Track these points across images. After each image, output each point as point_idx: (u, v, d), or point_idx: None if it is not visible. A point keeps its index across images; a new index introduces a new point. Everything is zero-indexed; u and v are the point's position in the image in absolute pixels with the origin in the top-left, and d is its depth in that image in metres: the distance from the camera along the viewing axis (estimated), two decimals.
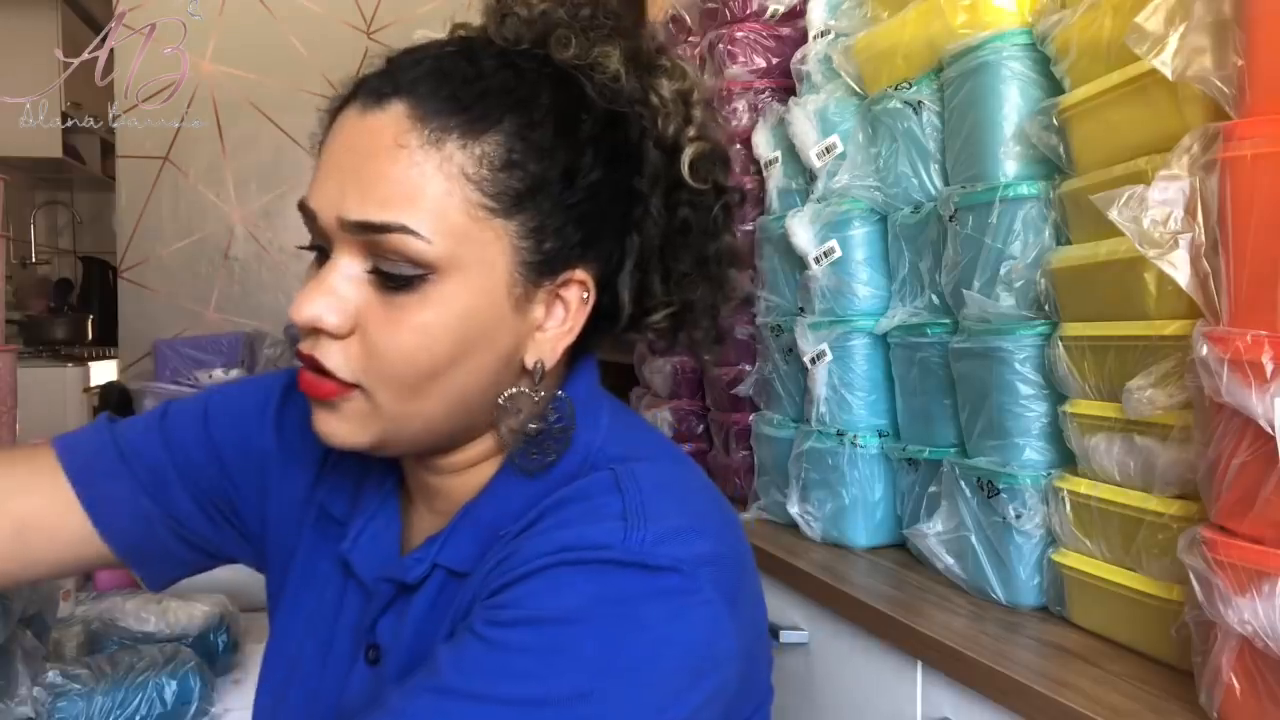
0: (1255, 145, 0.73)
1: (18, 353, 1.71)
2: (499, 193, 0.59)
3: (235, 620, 1.10)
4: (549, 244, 0.61)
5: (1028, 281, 1.05)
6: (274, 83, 3.21)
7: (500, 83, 0.61)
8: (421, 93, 0.59)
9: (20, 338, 3.89)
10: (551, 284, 0.63)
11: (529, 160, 0.60)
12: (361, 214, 0.58)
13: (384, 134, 0.59)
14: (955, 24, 1.13)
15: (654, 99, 0.65)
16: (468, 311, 0.60)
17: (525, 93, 0.61)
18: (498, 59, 0.62)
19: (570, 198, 0.62)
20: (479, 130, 0.59)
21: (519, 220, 0.60)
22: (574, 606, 0.56)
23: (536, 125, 0.61)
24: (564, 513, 0.61)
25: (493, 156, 0.59)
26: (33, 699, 0.86)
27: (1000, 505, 1.07)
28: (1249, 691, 0.73)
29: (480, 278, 0.60)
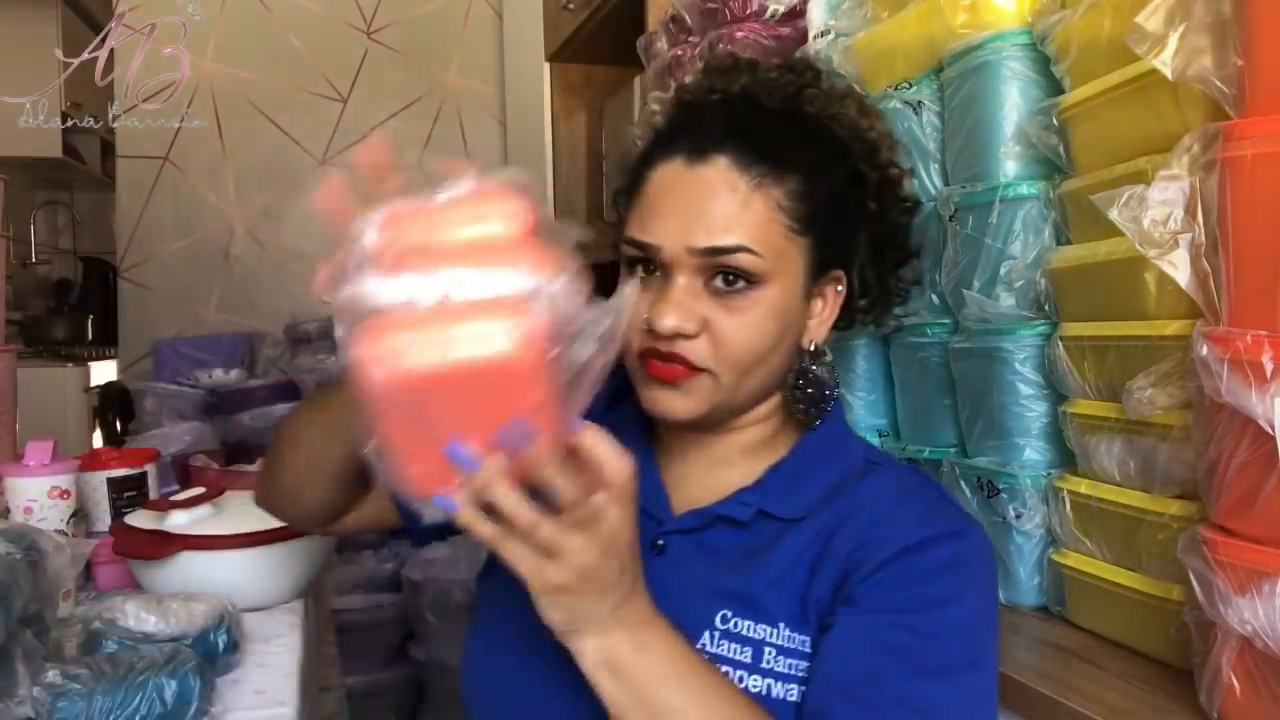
0: (1255, 145, 0.73)
1: (18, 353, 1.72)
2: (799, 217, 0.79)
3: (235, 620, 1.10)
4: (826, 252, 0.82)
5: (1028, 281, 1.05)
6: (274, 83, 3.21)
7: (788, 136, 0.82)
8: (738, 147, 0.79)
9: (20, 338, 3.89)
10: (824, 282, 0.84)
11: (815, 191, 0.80)
12: (709, 241, 0.77)
13: (714, 182, 0.78)
14: (955, 24, 1.13)
15: (873, 136, 0.87)
16: (783, 308, 0.79)
17: (810, 140, 0.83)
18: (779, 117, 0.84)
19: (838, 216, 0.83)
20: (784, 172, 0.79)
21: (811, 236, 0.80)
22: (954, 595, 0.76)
23: (817, 165, 0.81)
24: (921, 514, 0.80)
25: (794, 191, 0.79)
26: (32, 699, 0.86)
27: (1000, 505, 1.07)
28: (1249, 691, 0.73)
29: (790, 281, 0.80)
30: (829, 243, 0.82)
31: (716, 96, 0.87)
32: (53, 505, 1.26)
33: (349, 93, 3.28)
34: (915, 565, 0.75)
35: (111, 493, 1.44)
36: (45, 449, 1.28)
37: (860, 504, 0.80)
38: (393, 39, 3.30)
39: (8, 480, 1.28)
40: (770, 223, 0.78)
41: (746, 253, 0.77)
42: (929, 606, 0.74)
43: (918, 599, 0.74)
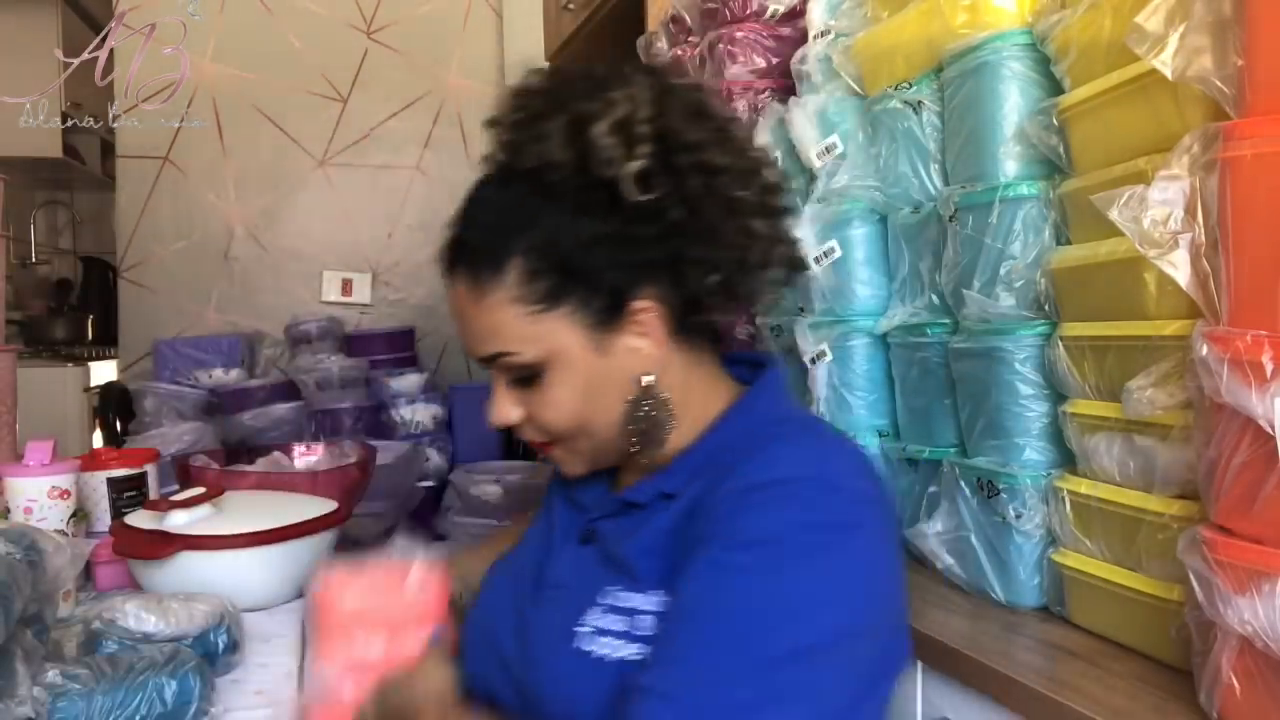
0: (1255, 145, 0.73)
1: (18, 353, 1.71)
2: (540, 298, 0.79)
3: (235, 620, 1.10)
4: (597, 302, 0.80)
5: (1028, 281, 1.05)
6: (274, 83, 3.21)
7: (498, 221, 0.82)
8: (462, 259, 0.82)
9: (20, 338, 3.89)
10: (622, 321, 0.81)
11: (543, 263, 0.79)
12: (480, 353, 0.83)
13: (461, 298, 0.83)
14: (955, 24, 1.13)
15: (595, 151, 0.78)
16: (574, 378, 0.81)
17: (516, 216, 0.81)
18: (494, 197, 0.84)
19: (591, 263, 0.79)
20: (501, 267, 0.79)
21: (565, 304, 0.80)
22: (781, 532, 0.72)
23: (535, 234, 0.79)
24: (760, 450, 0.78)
25: (519, 277, 0.79)
26: (32, 699, 0.85)
27: (1000, 505, 1.07)
28: (1249, 691, 0.73)
29: (566, 354, 0.80)
30: (599, 291, 0.79)
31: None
32: (53, 505, 1.26)
33: (349, 93, 3.27)
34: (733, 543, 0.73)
35: (111, 493, 1.44)
36: (45, 449, 1.28)
37: (737, 465, 0.78)
38: (393, 39, 3.29)
39: (8, 480, 1.27)
40: (512, 319, 0.80)
41: (506, 356, 0.81)
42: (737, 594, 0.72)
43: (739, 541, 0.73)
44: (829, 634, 0.70)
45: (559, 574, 0.87)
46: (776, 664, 0.68)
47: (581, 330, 0.80)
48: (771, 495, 0.74)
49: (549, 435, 0.85)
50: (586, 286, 0.79)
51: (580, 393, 0.82)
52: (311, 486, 1.54)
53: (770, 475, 0.75)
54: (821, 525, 0.73)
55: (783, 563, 0.71)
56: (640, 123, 0.78)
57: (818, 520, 0.73)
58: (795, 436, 0.82)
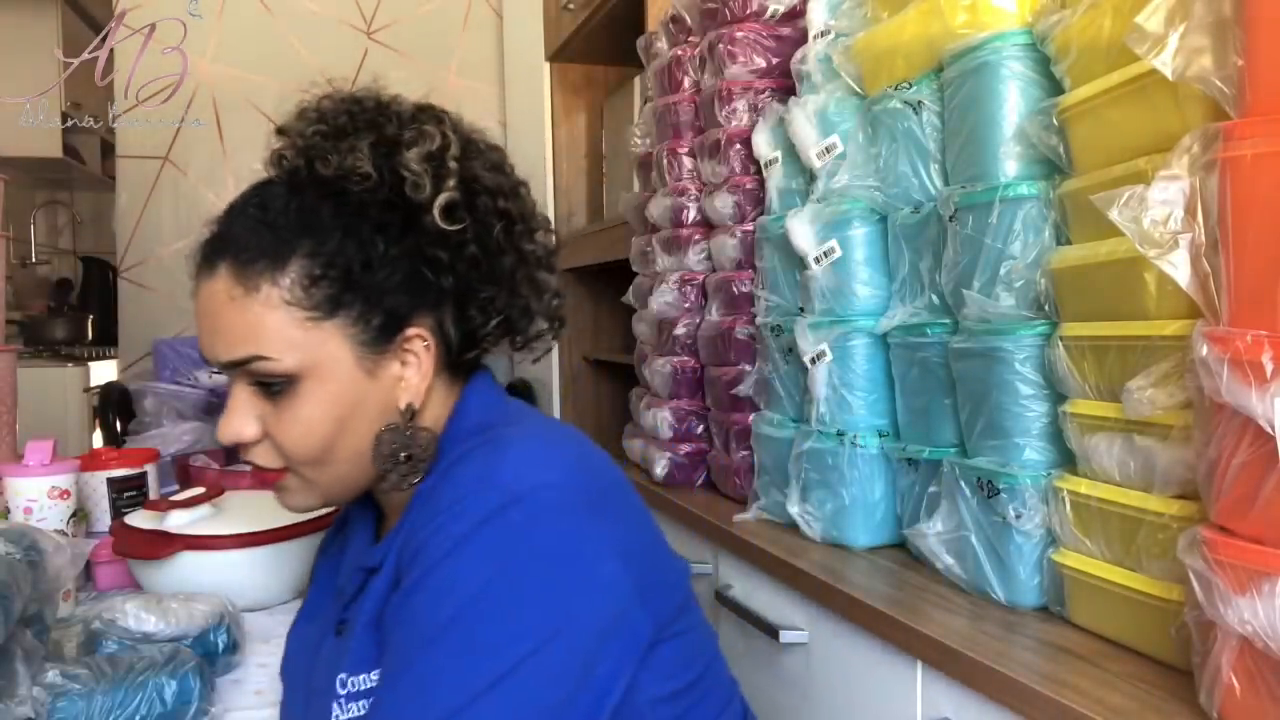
0: (1255, 145, 0.72)
1: (18, 353, 1.71)
2: (316, 304, 0.76)
3: (235, 620, 1.10)
4: (375, 320, 0.77)
5: (1028, 281, 1.05)
6: (274, 83, 3.20)
7: (287, 220, 0.77)
8: (234, 251, 0.77)
9: (20, 338, 3.89)
10: (393, 346, 0.79)
11: (329, 269, 0.76)
12: (228, 356, 0.77)
13: (219, 294, 0.77)
14: (955, 24, 1.13)
15: (405, 174, 0.78)
16: (332, 396, 0.77)
17: (309, 219, 0.77)
18: (284, 198, 0.79)
19: (376, 280, 0.77)
20: (282, 264, 0.76)
21: (342, 316, 0.76)
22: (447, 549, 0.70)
23: (326, 240, 0.76)
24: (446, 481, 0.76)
25: (299, 279, 0.75)
26: (33, 699, 0.86)
27: (1000, 505, 1.07)
28: (1249, 691, 0.73)
29: (331, 368, 0.76)
30: (379, 309, 0.77)
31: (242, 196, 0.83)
32: (53, 505, 1.26)
33: None
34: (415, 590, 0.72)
35: (111, 493, 1.44)
36: (45, 449, 1.28)
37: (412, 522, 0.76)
38: (393, 39, 3.30)
39: (8, 480, 1.27)
40: (280, 322, 0.75)
41: (261, 360, 0.75)
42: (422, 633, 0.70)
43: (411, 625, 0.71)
44: (511, 660, 0.67)
45: (315, 681, 0.82)
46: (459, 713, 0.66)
47: (352, 347, 0.77)
48: (433, 531, 0.71)
49: (284, 459, 0.79)
50: (367, 302, 0.77)
51: (334, 414, 0.77)
52: None
53: (436, 501, 0.74)
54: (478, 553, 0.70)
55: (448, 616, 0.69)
56: (450, 159, 0.80)
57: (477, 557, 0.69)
58: (470, 455, 0.77)
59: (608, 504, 0.76)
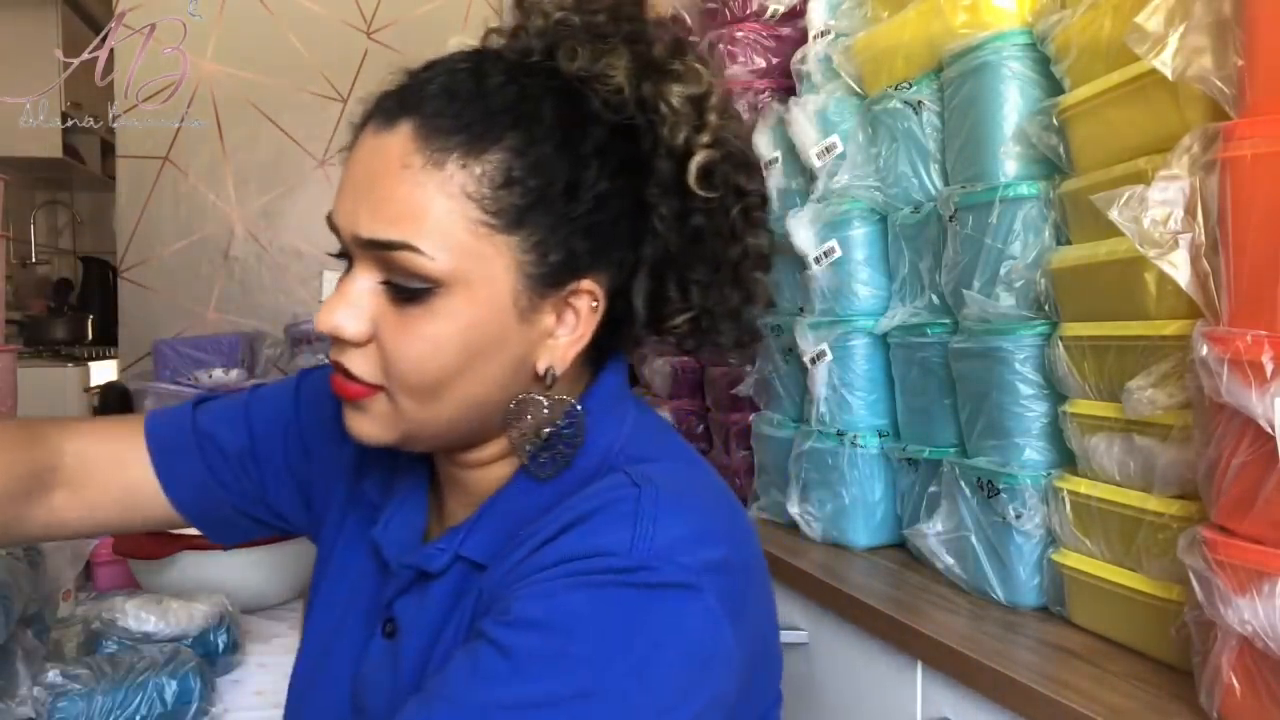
0: (1255, 145, 0.73)
1: (18, 353, 1.71)
2: (500, 209, 0.61)
3: (235, 620, 1.10)
4: (553, 256, 0.63)
5: (1028, 281, 1.05)
6: (274, 83, 3.21)
7: (502, 100, 0.63)
8: (427, 113, 0.62)
9: (20, 338, 3.89)
10: (560, 294, 0.65)
11: (529, 176, 0.62)
12: (371, 232, 0.61)
13: (391, 154, 0.61)
14: (955, 24, 1.13)
15: (663, 107, 0.65)
16: (473, 323, 0.62)
17: (528, 108, 0.63)
18: (505, 75, 0.64)
19: (574, 211, 0.63)
20: (479, 149, 0.61)
21: (521, 235, 0.62)
22: (580, 613, 0.57)
23: (537, 141, 0.62)
24: (584, 524, 0.61)
25: (492, 174, 0.61)
26: (33, 699, 0.86)
27: (1000, 505, 1.07)
28: (1249, 691, 0.73)
29: (484, 291, 0.62)
30: (564, 244, 0.63)
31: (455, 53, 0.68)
32: None
33: (349, 93, 3.28)
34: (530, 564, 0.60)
35: None
36: None
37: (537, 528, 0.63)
38: (393, 39, 3.29)
39: None
40: (451, 214, 0.61)
41: (410, 251, 0.60)
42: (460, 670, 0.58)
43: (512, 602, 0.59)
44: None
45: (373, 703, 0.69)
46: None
47: (517, 276, 0.63)
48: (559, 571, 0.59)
49: (383, 377, 0.64)
50: (553, 231, 0.63)
51: (465, 343, 0.62)
52: None
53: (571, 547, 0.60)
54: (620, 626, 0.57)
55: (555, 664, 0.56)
56: (711, 110, 0.67)
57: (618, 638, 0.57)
58: (616, 492, 0.63)
59: (753, 602, 0.64)
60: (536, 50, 0.66)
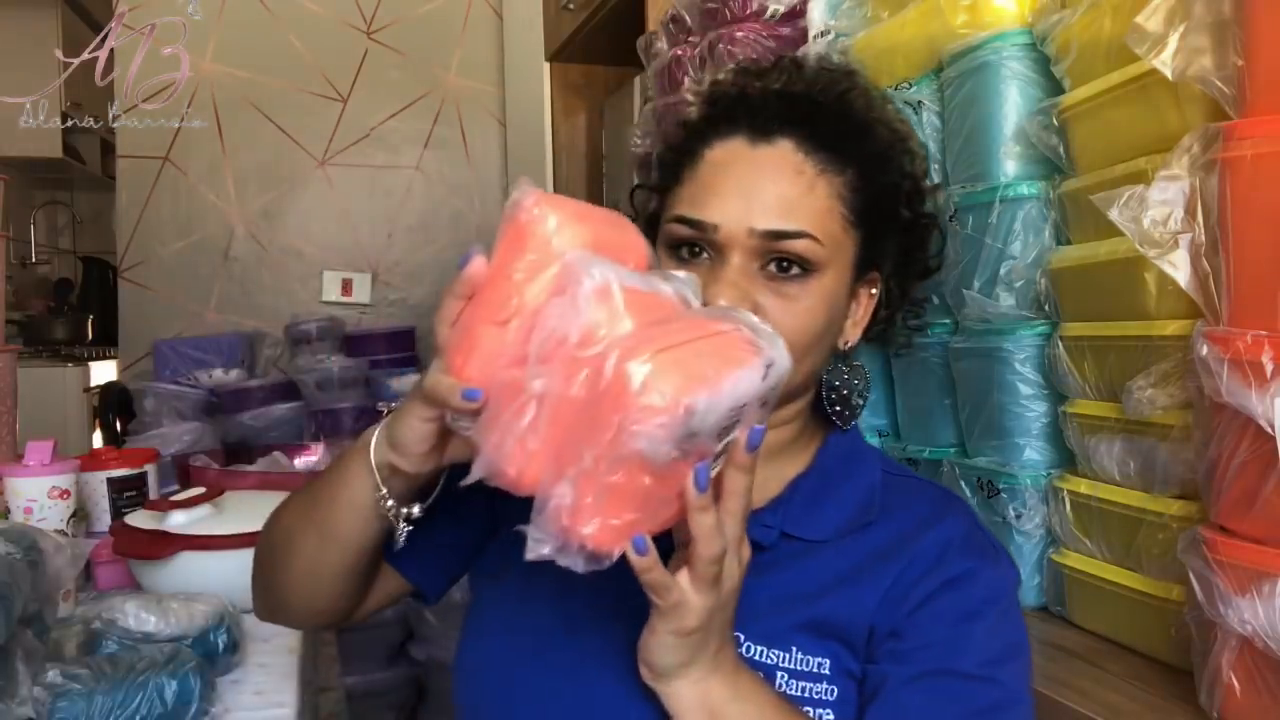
0: (1255, 145, 0.73)
1: (18, 353, 1.71)
2: (855, 210, 0.77)
3: (235, 620, 1.10)
4: (870, 250, 0.80)
5: (1028, 281, 1.05)
6: (274, 83, 3.21)
7: (854, 128, 0.79)
8: (806, 132, 0.77)
9: (20, 338, 3.89)
10: (861, 283, 0.81)
11: (868, 186, 0.78)
12: (772, 225, 0.74)
13: (784, 164, 0.76)
14: (955, 24, 1.13)
15: (910, 144, 0.83)
16: (833, 300, 0.77)
17: (874, 134, 0.80)
18: (864, 103, 0.81)
19: (881, 217, 0.80)
20: (845, 162, 0.77)
21: (862, 230, 0.78)
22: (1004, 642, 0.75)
23: (870, 160, 0.79)
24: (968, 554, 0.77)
25: (853, 182, 0.77)
26: (33, 699, 0.86)
27: (1000, 505, 1.07)
28: (1249, 691, 0.73)
29: (840, 272, 0.77)
30: (872, 242, 0.80)
31: (776, 86, 0.81)
32: (53, 505, 1.26)
33: (349, 93, 3.28)
34: (961, 598, 0.74)
35: (111, 493, 1.44)
36: (45, 449, 1.28)
37: (900, 531, 0.77)
38: (393, 39, 3.30)
39: (8, 480, 1.27)
40: (831, 211, 0.76)
41: (809, 239, 0.74)
42: (975, 640, 0.73)
43: (964, 634, 0.73)
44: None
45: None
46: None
47: (852, 265, 0.78)
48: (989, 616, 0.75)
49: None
50: (877, 230, 0.79)
51: (824, 317, 0.76)
52: None
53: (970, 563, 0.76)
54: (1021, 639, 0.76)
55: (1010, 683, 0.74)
56: (920, 155, 0.85)
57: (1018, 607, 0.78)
58: (943, 497, 0.83)
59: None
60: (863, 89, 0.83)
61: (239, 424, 2.74)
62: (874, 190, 0.79)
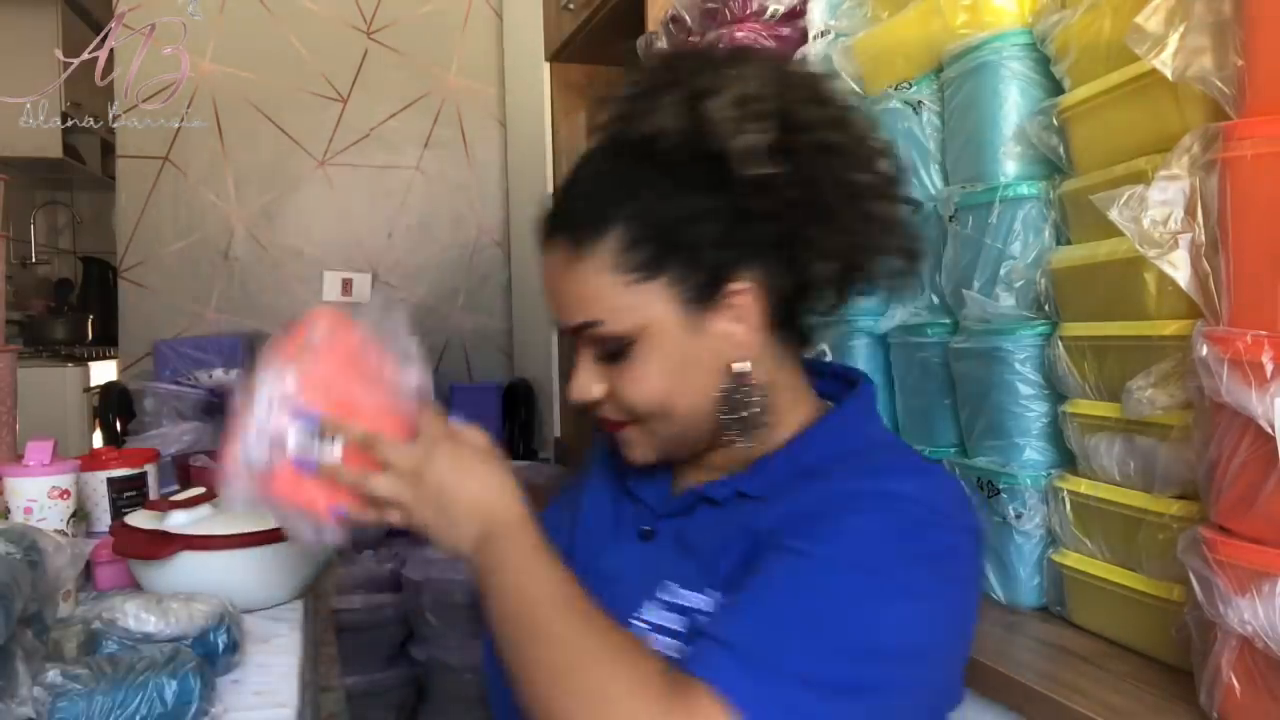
0: (1255, 145, 0.73)
1: (18, 353, 1.71)
2: (638, 266, 0.77)
3: (235, 620, 1.10)
4: (698, 277, 0.77)
5: (1028, 281, 1.05)
6: (274, 83, 3.21)
7: (603, 187, 0.79)
8: (565, 224, 0.80)
9: (20, 338, 3.89)
10: (719, 301, 0.78)
11: (646, 231, 0.77)
12: (568, 322, 0.80)
13: (556, 263, 0.80)
14: (955, 24, 1.13)
15: (711, 124, 0.76)
16: (664, 356, 0.78)
17: (623, 183, 0.79)
18: (602, 164, 0.82)
19: (693, 237, 0.77)
20: (602, 232, 0.77)
21: (665, 276, 0.77)
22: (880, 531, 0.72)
23: (640, 202, 0.77)
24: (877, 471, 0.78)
25: (619, 244, 0.77)
26: (33, 699, 0.85)
27: (1000, 505, 1.07)
28: (1249, 691, 0.73)
29: (660, 329, 0.78)
30: (700, 263, 0.77)
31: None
32: (53, 505, 1.26)
33: (349, 93, 3.28)
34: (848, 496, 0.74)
35: (111, 493, 1.44)
36: (45, 449, 1.28)
37: (835, 473, 0.77)
38: (393, 39, 3.29)
39: (8, 480, 1.27)
40: (607, 288, 0.77)
41: (595, 326, 0.78)
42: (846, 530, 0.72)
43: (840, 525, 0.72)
44: (907, 648, 0.70)
45: (614, 566, 0.85)
46: (850, 655, 0.67)
47: (677, 305, 0.77)
48: (877, 503, 0.73)
49: (630, 414, 0.81)
50: (686, 260, 0.77)
51: (668, 371, 0.78)
52: None
53: (878, 485, 0.75)
54: (919, 551, 0.72)
55: (874, 567, 0.70)
56: (759, 100, 0.76)
57: (916, 546, 0.72)
58: (904, 460, 0.82)
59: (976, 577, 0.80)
60: (610, 136, 0.83)
61: None
62: (663, 225, 0.77)
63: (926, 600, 0.71)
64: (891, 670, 0.69)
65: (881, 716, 0.69)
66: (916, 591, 0.70)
